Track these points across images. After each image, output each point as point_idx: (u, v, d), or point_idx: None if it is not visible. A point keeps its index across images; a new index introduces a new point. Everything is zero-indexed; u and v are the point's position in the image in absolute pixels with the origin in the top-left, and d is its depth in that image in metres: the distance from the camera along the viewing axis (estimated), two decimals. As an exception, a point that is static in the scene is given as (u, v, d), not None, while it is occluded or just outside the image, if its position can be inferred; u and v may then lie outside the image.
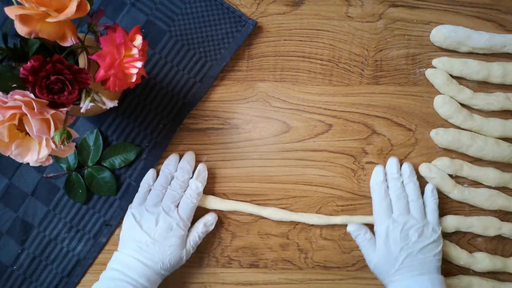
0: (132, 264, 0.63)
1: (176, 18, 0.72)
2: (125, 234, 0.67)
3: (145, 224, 0.66)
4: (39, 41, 0.52)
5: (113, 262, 0.65)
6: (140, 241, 0.64)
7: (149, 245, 0.64)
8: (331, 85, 0.73)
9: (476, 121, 0.71)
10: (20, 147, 0.48)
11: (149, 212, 0.66)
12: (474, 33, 0.71)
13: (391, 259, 0.65)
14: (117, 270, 0.63)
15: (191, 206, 0.68)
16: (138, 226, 0.65)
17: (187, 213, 0.67)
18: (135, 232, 0.65)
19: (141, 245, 0.64)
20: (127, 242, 0.66)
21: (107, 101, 0.54)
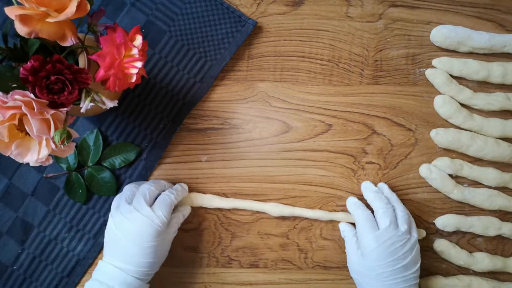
0: (111, 273, 0.61)
1: (176, 18, 0.72)
2: (106, 239, 0.64)
3: (119, 227, 0.62)
4: (39, 41, 0.52)
5: (96, 272, 0.63)
6: (118, 245, 0.62)
7: (127, 249, 0.61)
8: (331, 85, 0.73)
9: (476, 121, 0.71)
10: (20, 147, 0.48)
11: (122, 214, 0.62)
12: (474, 33, 0.71)
13: (374, 274, 0.63)
14: (98, 280, 0.61)
15: (168, 201, 0.64)
16: (115, 230, 0.62)
17: (164, 208, 0.63)
18: (113, 237, 0.63)
19: (119, 250, 0.62)
20: (108, 248, 0.64)
21: (107, 101, 0.54)
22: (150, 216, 0.61)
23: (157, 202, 0.64)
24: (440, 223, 0.72)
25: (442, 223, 0.71)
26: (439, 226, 0.72)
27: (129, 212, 0.62)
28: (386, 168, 0.73)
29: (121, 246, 0.61)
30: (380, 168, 0.73)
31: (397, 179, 0.73)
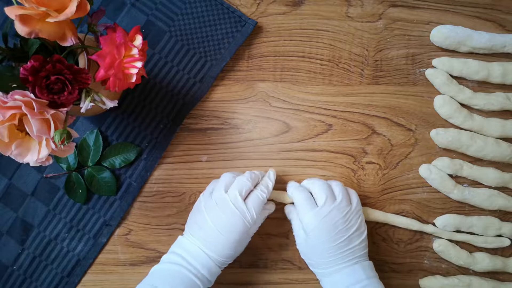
0: (195, 252, 0.61)
1: (176, 18, 0.72)
2: (192, 218, 0.65)
3: (210, 213, 0.62)
4: (39, 41, 0.52)
5: (176, 246, 0.64)
6: (205, 230, 0.62)
7: (213, 237, 0.61)
8: (331, 85, 0.73)
9: (476, 121, 0.71)
10: (20, 147, 0.48)
11: (215, 202, 0.62)
12: (474, 33, 0.71)
13: (319, 250, 0.62)
14: (179, 255, 0.62)
15: (261, 200, 0.63)
16: (205, 214, 0.62)
17: (256, 206, 0.63)
18: (201, 220, 0.63)
19: (206, 235, 0.62)
20: (192, 227, 0.64)
21: (107, 101, 0.54)
22: (243, 212, 0.62)
23: (250, 198, 0.63)
24: (440, 223, 0.72)
25: (442, 223, 0.71)
26: (439, 226, 0.72)
27: (223, 202, 0.62)
28: (386, 168, 0.73)
29: (208, 232, 0.62)
30: (380, 168, 0.73)
31: (397, 179, 0.73)
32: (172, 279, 0.60)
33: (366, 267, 0.63)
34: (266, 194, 0.64)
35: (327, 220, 0.62)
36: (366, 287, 0.61)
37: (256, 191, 0.64)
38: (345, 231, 0.62)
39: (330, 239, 0.61)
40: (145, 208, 0.73)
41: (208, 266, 0.61)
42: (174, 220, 0.72)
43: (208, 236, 0.62)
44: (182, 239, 0.64)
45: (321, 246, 0.62)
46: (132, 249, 0.73)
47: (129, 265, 0.73)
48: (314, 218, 0.62)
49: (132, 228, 0.73)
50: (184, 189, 0.73)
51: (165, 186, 0.73)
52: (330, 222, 0.62)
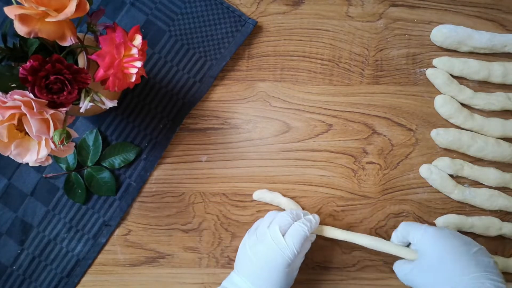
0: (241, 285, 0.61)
1: (175, 17, 0.71)
2: (238, 255, 0.65)
3: (251, 249, 0.62)
4: (39, 41, 0.51)
5: (227, 281, 0.63)
6: (248, 266, 0.62)
7: (257, 272, 0.61)
8: (331, 85, 0.73)
9: (476, 121, 0.71)
10: (20, 147, 0.48)
11: (256, 237, 0.63)
12: (475, 33, 0.71)
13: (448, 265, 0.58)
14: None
15: (302, 234, 0.61)
16: (247, 250, 0.62)
17: (296, 240, 0.61)
18: (244, 256, 0.63)
19: (249, 271, 0.61)
20: (238, 264, 0.64)
21: (106, 101, 0.54)
22: (282, 247, 0.60)
23: (290, 231, 0.62)
24: (441, 223, 0.71)
25: (443, 223, 0.71)
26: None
27: (263, 237, 0.62)
28: (387, 168, 0.73)
29: (251, 268, 0.61)
30: (381, 168, 0.73)
31: (398, 179, 0.73)
32: None
33: None
34: (308, 228, 0.62)
35: (444, 233, 0.60)
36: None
37: (296, 223, 0.62)
38: (467, 245, 0.59)
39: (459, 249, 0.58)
40: (145, 208, 0.73)
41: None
42: (174, 220, 0.72)
43: (252, 272, 0.61)
44: (233, 275, 0.63)
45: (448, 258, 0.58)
46: (131, 249, 0.72)
47: (129, 265, 0.72)
48: (433, 229, 0.61)
49: (132, 229, 0.72)
50: (183, 189, 0.72)
51: (165, 186, 0.73)
52: (448, 234, 0.60)
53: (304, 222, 0.62)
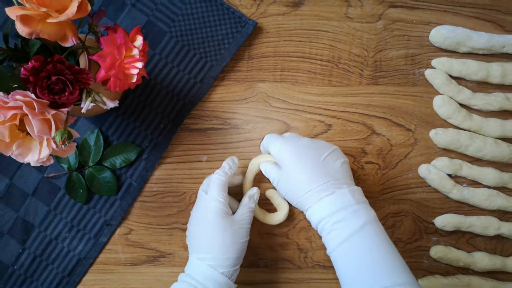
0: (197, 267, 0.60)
1: (176, 18, 0.72)
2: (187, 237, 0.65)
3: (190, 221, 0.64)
4: (40, 42, 0.52)
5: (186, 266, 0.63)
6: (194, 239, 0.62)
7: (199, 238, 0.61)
8: (330, 85, 0.73)
9: (475, 121, 0.71)
10: (21, 147, 0.48)
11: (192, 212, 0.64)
12: (474, 34, 0.72)
13: (295, 176, 0.60)
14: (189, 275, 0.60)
15: (217, 181, 0.62)
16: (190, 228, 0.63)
17: (214, 189, 0.62)
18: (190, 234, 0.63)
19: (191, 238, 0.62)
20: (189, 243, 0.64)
21: (107, 102, 0.54)
22: (205, 199, 0.62)
23: (209, 185, 0.63)
24: (440, 222, 0.72)
25: (442, 222, 0.72)
26: (438, 226, 0.72)
27: (195, 206, 0.64)
28: (386, 168, 0.73)
29: (193, 237, 0.62)
30: (380, 168, 0.73)
31: (397, 179, 0.73)
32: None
33: (354, 191, 0.58)
34: (223, 174, 0.63)
35: (297, 143, 0.61)
36: (356, 212, 0.56)
37: (213, 174, 0.64)
38: (318, 152, 0.60)
39: (305, 160, 0.59)
40: (146, 207, 0.73)
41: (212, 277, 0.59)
42: (175, 220, 0.73)
43: (195, 240, 0.62)
44: (189, 258, 0.63)
45: (297, 168, 0.59)
46: (132, 248, 0.73)
47: (130, 264, 0.73)
48: (284, 142, 0.62)
49: (133, 228, 0.73)
50: (184, 189, 0.73)
51: (166, 186, 0.73)
52: (300, 144, 0.61)
53: (219, 172, 0.64)
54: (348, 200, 0.57)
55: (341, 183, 0.58)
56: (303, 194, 0.59)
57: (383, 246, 0.56)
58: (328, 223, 0.57)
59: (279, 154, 0.62)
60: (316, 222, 0.58)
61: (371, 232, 0.56)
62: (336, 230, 0.56)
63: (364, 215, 0.57)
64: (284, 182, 0.62)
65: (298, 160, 0.60)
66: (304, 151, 0.60)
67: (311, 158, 0.60)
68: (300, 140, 0.62)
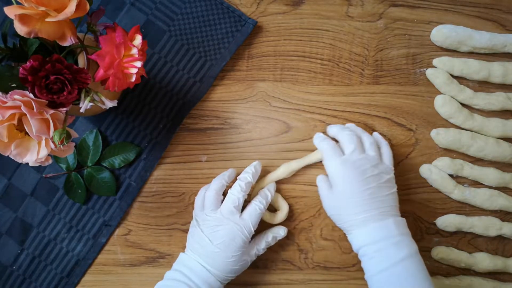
0: (195, 268, 0.61)
1: (175, 17, 0.71)
2: (190, 236, 0.65)
3: (206, 229, 0.63)
4: (39, 41, 0.51)
5: (178, 263, 0.64)
6: (203, 246, 0.62)
7: (212, 252, 0.61)
8: (331, 84, 0.73)
9: (476, 121, 0.71)
10: (20, 147, 0.48)
11: (210, 217, 0.63)
12: (475, 33, 0.71)
13: (346, 199, 0.61)
14: (180, 272, 0.62)
15: (258, 212, 0.64)
16: (200, 231, 0.63)
17: (254, 219, 0.63)
18: (199, 237, 0.63)
19: (204, 251, 0.62)
20: (192, 245, 0.64)
21: (106, 101, 0.54)
22: (240, 225, 0.62)
23: (247, 211, 0.64)
24: (441, 223, 0.71)
25: (443, 223, 0.71)
26: (439, 226, 0.72)
27: (218, 218, 0.63)
28: (387, 168, 0.73)
29: (207, 249, 0.62)
30: (381, 168, 0.73)
31: (398, 179, 0.72)
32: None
33: (399, 222, 0.60)
34: (264, 205, 0.65)
35: (355, 166, 0.61)
36: (398, 243, 0.58)
37: (253, 202, 0.65)
38: (374, 178, 0.61)
39: (358, 185, 0.60)
40: (145, 208, 0.73)
41: (208, 281, 0.61)
42: (174, 220, 0.72)
43: (208, 252, 0.62)
44: (183, 256, 0.64)
45: (349, 192, 0.60)
46: (131, 249, 0.72)
47: (129, 265, 0.72)
48: (341, 164, 0.62)
49: (132, 229, 0.73)
50: (184, 189, 0.72)
51: (165, 186, 0.73)
52: (359, 168, 0.61)
53: (261, 200, 0.65)
54: (392, 231, 0.59)
55: (387, 212, 0.60)
56: (348, 219, 0.61)
57: (421, 281, 0.57)
58: (370, 250, 0.59)
59: (334, 174, 0.63)
60: (358, 246, 0.61)
61: (411, 265, 0.58)
62: (377, 258, 0.58)
63: (406, 247, 0.59)
64: (332, 202, 0.63)
65: (352, 185, 0.61)
66: (361, 177, 0.61)
67: (365, 185, 0.60)
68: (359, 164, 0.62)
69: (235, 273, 0.64)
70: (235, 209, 0.63)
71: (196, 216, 0.65)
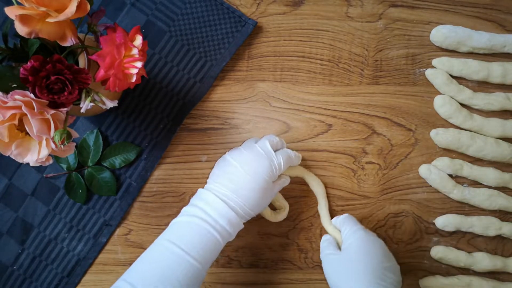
0: (213, 202, 0.58)
1: (176, 18, 0.72)
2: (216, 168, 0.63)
3: (236, 157, 0.61)
4: (39, 41, 0.52)
5: (195, 198, 0.61)
6: (230, 173, 0.60)
7: (240, 178, 0.59)
8: (331, 85, 0.73)
9: (476, 121, 0.71)
10: (20, 147, 0.48)
11: (243, 149, 0.62)
12: (474, 33, 0.71)
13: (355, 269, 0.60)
14: (197, 206, 0.58)
15: (289, 154, 0.64)
16: (230, 160, 0.61)
17: (285, 159, 0.62)
18: (226, 165, 0.61)
19: (231, 178, 0.59)
20: (217, 174, 0.61)
21: (107, 101, 0.54)
22: (271, 156, 0.61)
23: (278, 151, 0.64)
24: (440, 223, 0.72)
25: (442, 223, 0.71)
26: (439, 226, 0.72)
27: (251, 148, 0.62)
28: (386, 168, 0.73)
29: (233, 174, 0.60)
30: (380, 168, 0.73)
31: (397, 179, 0.73)
32: (188, 232, 0.57)
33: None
34: (295, 154, 0.66)
35: (374, 240, 0.62)
36: None
37: (285, 149, 0.65)
38: (385, 258, 0.61)
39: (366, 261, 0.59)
40: (145, 208, 0.73)
41: (227, 216, 0.57)
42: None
43: (232, 177, 0.59)
44: (202, 191, 0.61)
45: (355, 264, 0.60)
46: (132, 249, 0.73)
47: (129, 265, 0.72)
48: (364, 232, 0.62)
49: (132, 228, 0.73)
50: (184, 189, 0.73)
51: (165, 186, 0.73)
52: (375, 244, 0.61)
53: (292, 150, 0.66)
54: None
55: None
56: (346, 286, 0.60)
57: None
58: None
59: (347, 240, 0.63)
60: None
61: None
62: None
63: None
64: (335, 265, 0.63)
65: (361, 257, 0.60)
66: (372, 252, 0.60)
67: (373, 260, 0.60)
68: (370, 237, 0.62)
69: (257, 207, 0.61)
70: (269, 144, 0.62)
71: (230, 152, 0.64)
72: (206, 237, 0.56)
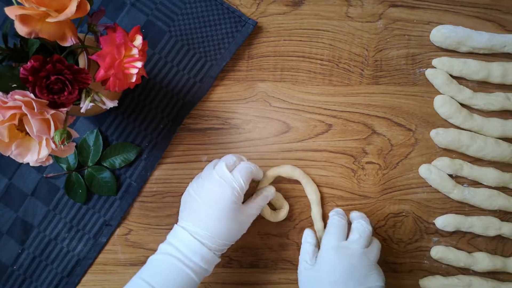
0: (186, 239, 0.58)
1: (176, 18, 0.72)
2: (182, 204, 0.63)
3: (196, 190, 0.61)
4: (39, 41, 0.52)
5: (170, 234, 0.61)
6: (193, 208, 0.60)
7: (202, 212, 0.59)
8: (331, 85, 0.73)
9: (476, 121, 0.71)
10: (20, 147, 0.48)
11: (203, 178, 0.61)
12: (474, 33, 0.71)
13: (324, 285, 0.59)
14: (171, 244, 0.59)
15: (248, 169, 0.62)
16: (192, 193, 0.61)
17: (244, 175, 0.61)
18: (189, 199, 0.61)
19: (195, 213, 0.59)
20: (183, 211, 0.62)
21: (107, 101, 0.54)
22: (228, 179, 0.60)
23: (237, 168, 0.62)
24: (440, 223, 0.72)
25: (442, 223, 0.71)
26: (439, 226, 0.72)
27: (209, 176, 0.61)
28: (386, 168, 0.73)
29: (197, 209, 0.60)
30: (380, 168, 0.73)
31: (397, 179, 0.73)
32: (162, 271, 0.57)
33: None
34: (254, 167, 0.63)
35: (348, 258, 0.60)
36: None
37: (242, 162, 0.63)
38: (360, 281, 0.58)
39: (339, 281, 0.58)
40: (145, 208, 0.73)
41: (200, 252, 0.58)
42: (174, 220, 0.72)
43: (197, 213, 0.59)
44: (176, 227, 0.61)
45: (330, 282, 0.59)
46: (132, 249, 0.73)
47: (129, 265, 0.73)
48: (336, 249, 0.61)
49: (132, 228, 0.73)
50: (184, 189, 0.72)
51: (165, 186, 0.73)
52: (350, 262, 0.59)
53: (251, 163, 0.63)
54: None
55: None
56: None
57: None
58: None
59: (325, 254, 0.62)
60: None
61: None
62: None
63: None
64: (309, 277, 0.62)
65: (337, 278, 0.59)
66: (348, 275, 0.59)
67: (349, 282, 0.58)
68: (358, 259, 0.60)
69: (231, 236, 0.61)
70: (225, 167, 0.61)
71: (191, 183, 0.64)
72: (180, 276, 0.57)
